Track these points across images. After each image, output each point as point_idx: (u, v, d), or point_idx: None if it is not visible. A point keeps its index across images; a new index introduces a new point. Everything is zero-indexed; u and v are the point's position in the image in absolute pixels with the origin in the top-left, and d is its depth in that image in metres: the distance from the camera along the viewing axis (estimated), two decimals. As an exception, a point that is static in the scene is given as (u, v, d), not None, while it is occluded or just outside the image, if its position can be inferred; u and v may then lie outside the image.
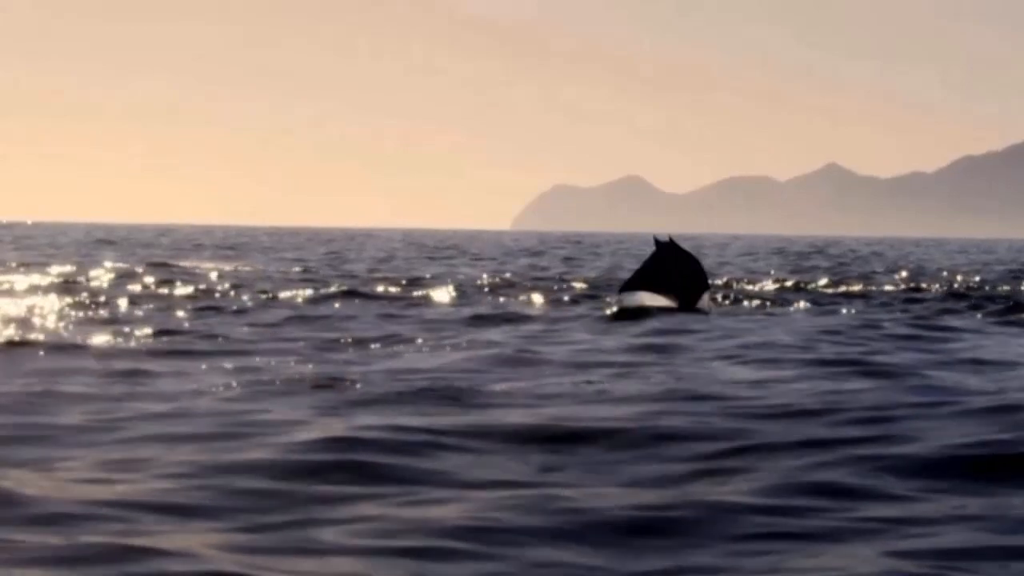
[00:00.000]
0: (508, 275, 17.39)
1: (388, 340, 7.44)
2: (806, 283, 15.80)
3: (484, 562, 2.57)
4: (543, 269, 20.23)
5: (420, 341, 7.37)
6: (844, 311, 10.61)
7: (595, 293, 12.95)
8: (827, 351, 6.89)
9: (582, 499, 3.10)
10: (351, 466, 3.51)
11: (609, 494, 3.21)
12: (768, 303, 11.62)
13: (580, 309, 10.48)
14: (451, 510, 2.99)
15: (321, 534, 2.76)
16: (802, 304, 11.35)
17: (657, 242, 9.58)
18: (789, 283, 15.80)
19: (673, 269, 9.50)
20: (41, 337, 7.32)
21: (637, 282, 9.61)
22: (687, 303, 9.45)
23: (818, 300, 12.07)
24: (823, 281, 16.32)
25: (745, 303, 11.51)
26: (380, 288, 13.39)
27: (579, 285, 14.71)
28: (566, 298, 12.11)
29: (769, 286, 15.10)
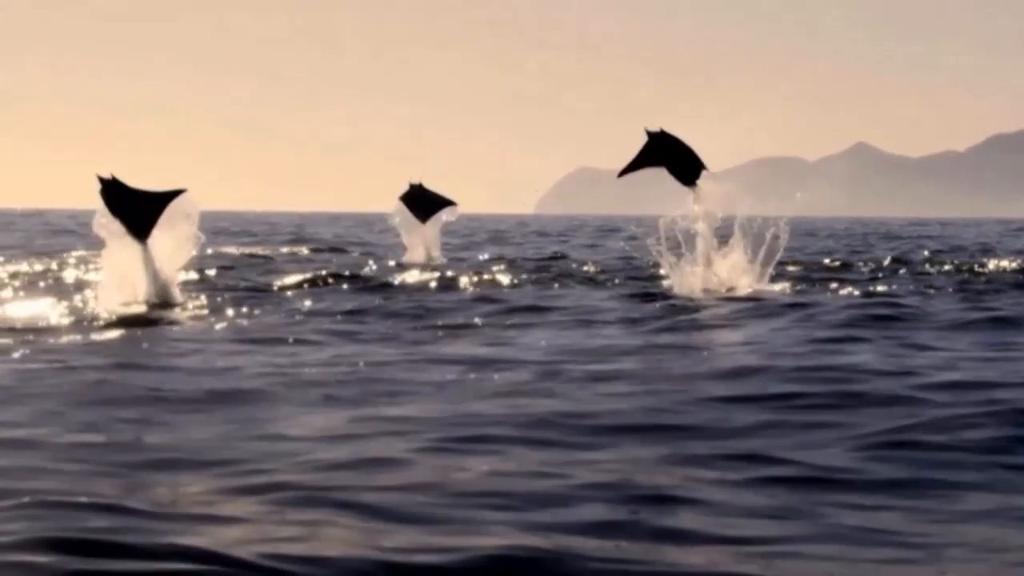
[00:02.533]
0: (534, 261, 17.08)
1: (428, 332, 7.22)
2: (846, 264, 15.41)
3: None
4: (563, 256, 19.91)
5: (457, 334, 7.12)
6: (881, 296, 10.22)
7: (619, 278, 12.61)
8: (873, 342, 6.55)
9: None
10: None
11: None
12: (808, 286, 11.26)
13: (610, 295, 10.18)
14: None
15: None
16: (841, 288, 10.96)
17: (649, 133, 10.41)
18: (828, 265, 15.38)
19: (664, 153, 10.43)
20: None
21: (637, 165, 10.53)
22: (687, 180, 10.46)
23: (856, 283, 11.68)
24: (861, 262, 15.91)
25: (778, 287, 11.13)
26: (400, 278, 13.07)
27: (603, 270, 14.32)
28: (596, 283, 11.81)
29: (802, 270, 14.67)
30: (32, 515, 2.87)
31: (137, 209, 8.85)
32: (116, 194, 8.83)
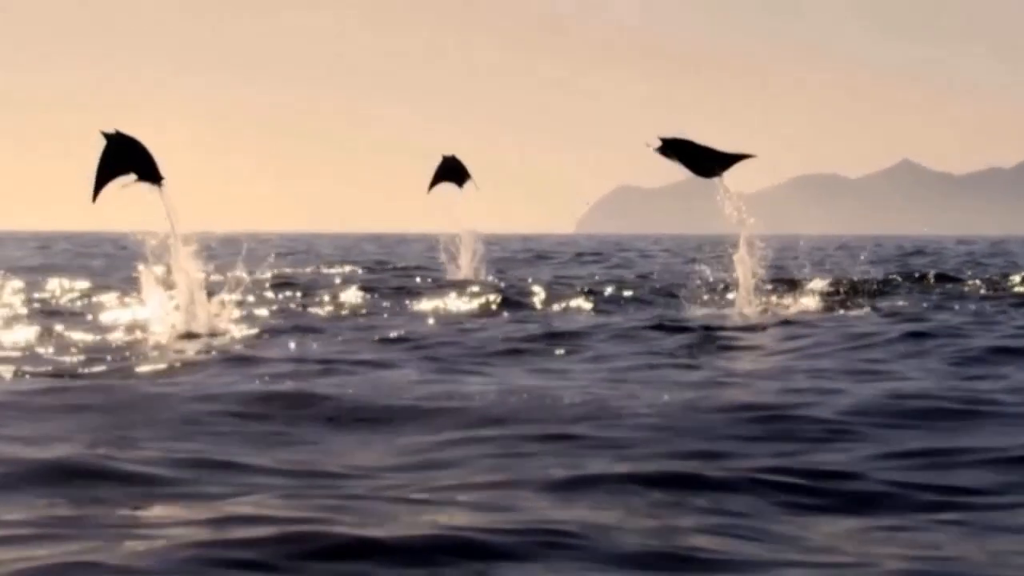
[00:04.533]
0: (574, 282, 16.92)
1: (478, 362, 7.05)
2: (894, 283, 15.07)
3: None
4: (603, 277, 19.72)
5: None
6: (934, 317, 9.93)
7: (662, 302, 12.42)
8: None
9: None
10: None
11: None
12: (855, 308, 10.99)
13: (653, 318, 10.02)
14: None
15: None
16: (891, 310, 10.67)
17: (661, 139, 10.49)
18: (875, 285, 15.01)
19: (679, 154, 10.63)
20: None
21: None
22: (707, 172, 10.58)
23: (906, 303, 11.39)
24: (909, 281, 15.55)
25: (827, 310, 10.89)
26: (443, 299, 12.97)
27: (644, 293, 14.11)
28: (638, 306, 11.64)
29: (849, 291, 14.34)
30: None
31: (144, 156, 8.97)
32: (123, 146, 8.91)
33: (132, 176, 8.90)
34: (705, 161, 10.41)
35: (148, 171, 8.94)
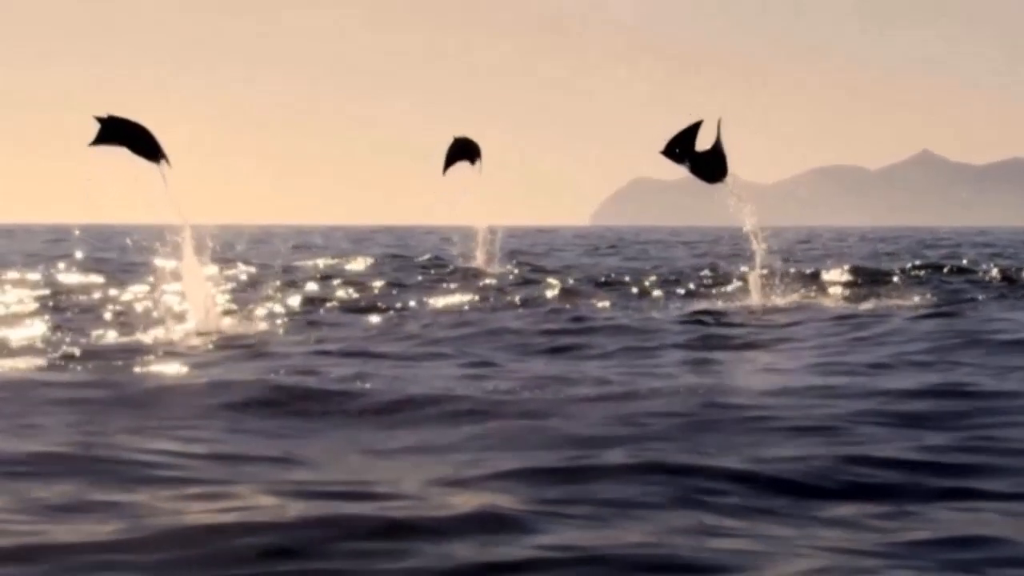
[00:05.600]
0: (589, 274, 16.86)
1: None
2: (913, 277, 14.92)
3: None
4: (618, 269, 19.64)
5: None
6: (958, 313, 9.81)
7: (679, 293, 12.35)
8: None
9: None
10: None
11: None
12: (874, 301, 10.89)
13: (668, 311, 9.94)
14: None
15: None
16: (910, 305, 10.56)
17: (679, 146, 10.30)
18: (896, 278, 14.88)
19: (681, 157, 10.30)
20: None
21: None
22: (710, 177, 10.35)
23: (923, 297, 11.27)
24: (927, 275, 15.40)
25: (846, 303, 10.78)
26: (455, 291, 12.92)
27: (661, 286, 14.04)
28: (653, 300, 11.58)
29: (870, 284, 14.21)
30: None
31: (143, 133, 8.85)
32: (119, 128, 8.80)
33: (127, 149, 8.79)
34: (705, 166, 10.28)
35: (147, 148, 8.76)
